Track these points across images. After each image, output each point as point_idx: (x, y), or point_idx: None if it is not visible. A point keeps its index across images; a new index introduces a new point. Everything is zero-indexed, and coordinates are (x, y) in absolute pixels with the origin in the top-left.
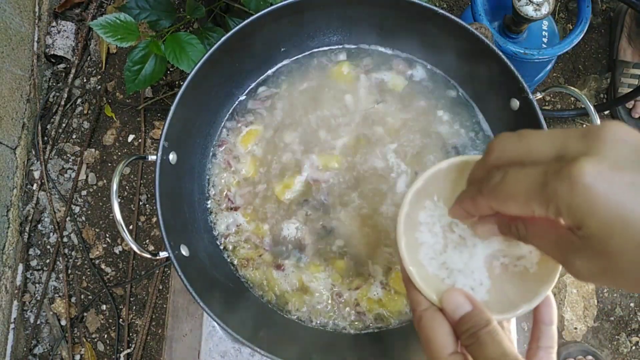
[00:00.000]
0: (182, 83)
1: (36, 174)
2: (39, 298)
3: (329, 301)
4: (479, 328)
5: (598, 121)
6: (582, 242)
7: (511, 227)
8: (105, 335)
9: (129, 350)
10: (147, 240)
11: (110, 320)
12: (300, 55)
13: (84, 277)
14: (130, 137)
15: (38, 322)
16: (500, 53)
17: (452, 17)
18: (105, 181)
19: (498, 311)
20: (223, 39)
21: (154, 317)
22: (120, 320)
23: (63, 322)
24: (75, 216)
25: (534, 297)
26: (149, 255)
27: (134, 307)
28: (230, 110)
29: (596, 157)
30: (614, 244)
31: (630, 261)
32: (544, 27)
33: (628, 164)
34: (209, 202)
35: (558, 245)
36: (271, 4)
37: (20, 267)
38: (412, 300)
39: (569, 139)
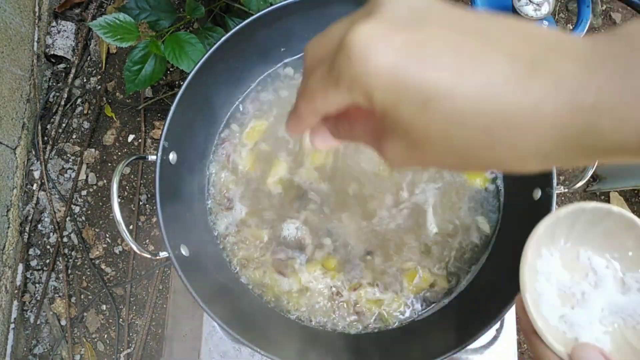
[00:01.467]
0: (182, 83)
1: (36, 174)
2: (39, 298)
3: (329, 301)
4: None
5: None
6: (384, 122)
7: (339, 129)
8: (105, 335)
9: (129, 350)
10: (147, 240)
11: (110, 320)
12: (300, 55)
13: (84, 277)
14: (130, 137)
15: (38, 322)
16: None
17: None
18: (105, 181)
19: None
20: (223, 39)
21: (154, 317)
22: (120, 320)
23: (63, 322)
24: (75, 216)
25: None
26: (149, 255)
27: (134, 307)
28: (231, 110)
29: (371, 20)
30: (403, 112)
31: (423, 128)
32: None
33: (403, 22)
34: (208, 201)
35: (373, 135)
36: (271, 4)
37: (20, 267)
38: (540, 355)
39: (356, 13)
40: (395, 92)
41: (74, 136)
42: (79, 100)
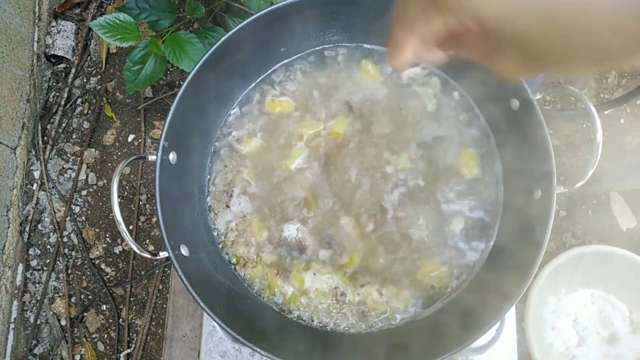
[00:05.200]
0: (182, 83)
1: (36, 174)
2: (39, 298)
3: (330, 301)
4: None
5: (598, 121)
6: (496, 39)
7: (448, 47)
8: (105, 335)
9: (129, 350)
10: (147, 240)
11: (110, 320)
12: (299, 55)
13: (84, 277)
14: (130, 137)
15: (38, 322)
16: None
17: None
18: (105, 181)
19: None
20: (223, 38)
21: (154, 317)
22: (120, 320)
23: (63, 322)
24: (75, 216)
25: None
26: (149, 255)
27: (134, 307)
28: (231, 109)
29: None
30: (520, 28)
31: (544, 37)
32: None
33: None
34: (208, 199)
35: (484, 52)
36: (272, 4)
37: (20, 267)
38: None
39: None
40: (511, 11)
41: (74, 136)
42: (79, 100)
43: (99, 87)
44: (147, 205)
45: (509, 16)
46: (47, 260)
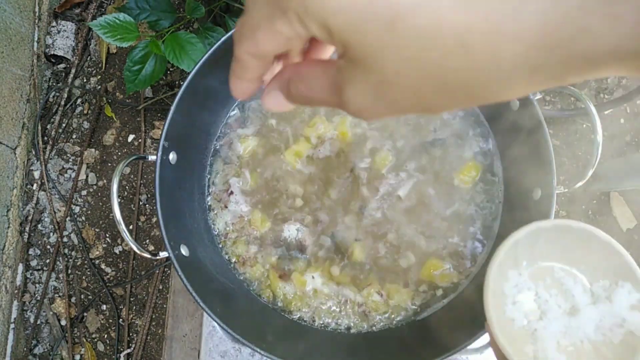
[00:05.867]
0: (182, 83)
1: (36, 174)
2: (39, 298)
3: (332, 301)
4: None
5: (598, 121)
6: (345, 61)
7: (291, 89)
8: (105, 335)
9: (129, 350)
10: (147, 240)
11: (110, 320)
12: None
13: (84, 277)
14: (130, 137)
15: (38, 322)
16: None
17: None
18: (105, 181)
19: None
20: (223, 38)
21: (154, 317)
22: (120, 320)
23: (63, 322)
24: (75, 216)
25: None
26: (149, 255)
27: (134, 307)
28: (232, 109)
29: None
30: (366, 39)
31: (391, 58)
32: None
33: None
34: (208, 198)
35: (332, 86)
36: None
37: (20, 267)
38: None
39: None
40: (356, 14)
41: (74, 136)
42: (79, 100)
43: (99, 87)
44: (147, 205)
45: (352, 17)
46: (47, 260)
